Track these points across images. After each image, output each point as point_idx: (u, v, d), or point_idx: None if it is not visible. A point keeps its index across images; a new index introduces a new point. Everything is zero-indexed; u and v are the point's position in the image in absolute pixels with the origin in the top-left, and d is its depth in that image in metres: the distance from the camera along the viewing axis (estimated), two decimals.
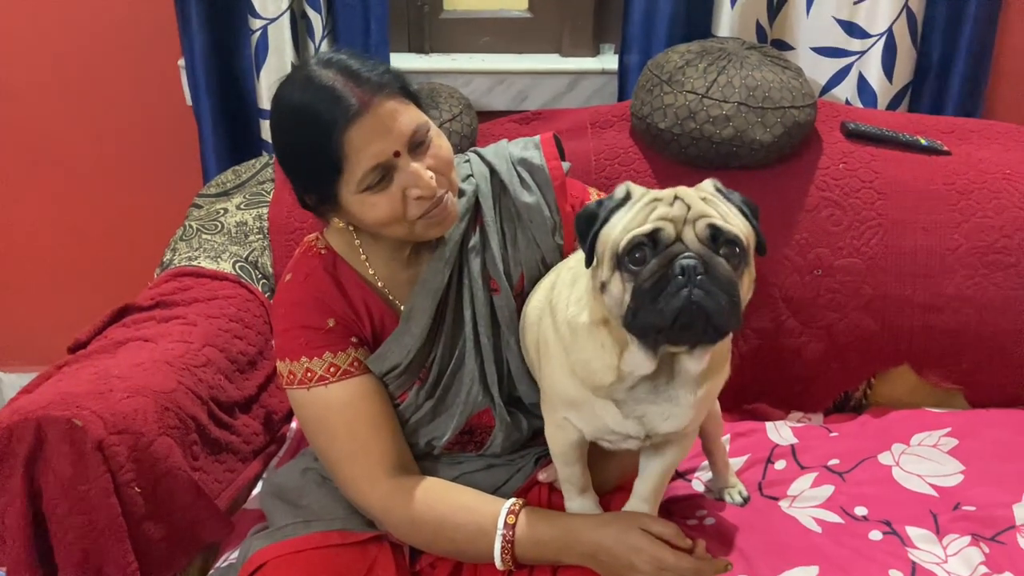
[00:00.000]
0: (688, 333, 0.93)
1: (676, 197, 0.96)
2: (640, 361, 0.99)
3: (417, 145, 1.09)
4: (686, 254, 0.91)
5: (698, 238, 0.93)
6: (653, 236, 0.93)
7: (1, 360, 2.25)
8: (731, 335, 1.07)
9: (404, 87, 1.10)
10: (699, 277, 0.90)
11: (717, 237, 0.93)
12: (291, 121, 1.08)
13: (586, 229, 0.99)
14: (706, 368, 1.01)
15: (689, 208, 0.94)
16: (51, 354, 1.42)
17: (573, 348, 1.05)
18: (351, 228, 1.19)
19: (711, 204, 0.96)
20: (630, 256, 0.94)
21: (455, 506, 1.15)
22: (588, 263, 1.00)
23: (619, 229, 0.96)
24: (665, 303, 0.91)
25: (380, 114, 1.05)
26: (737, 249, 0.94)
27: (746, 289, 0.96)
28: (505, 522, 1.12)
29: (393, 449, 1.19)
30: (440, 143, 1.12)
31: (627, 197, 0.99)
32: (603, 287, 0.97)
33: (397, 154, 1.07)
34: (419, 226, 1.12)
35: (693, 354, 0.98)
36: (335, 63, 1.08)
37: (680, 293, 0.90)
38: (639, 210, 0.96)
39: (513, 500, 1.15)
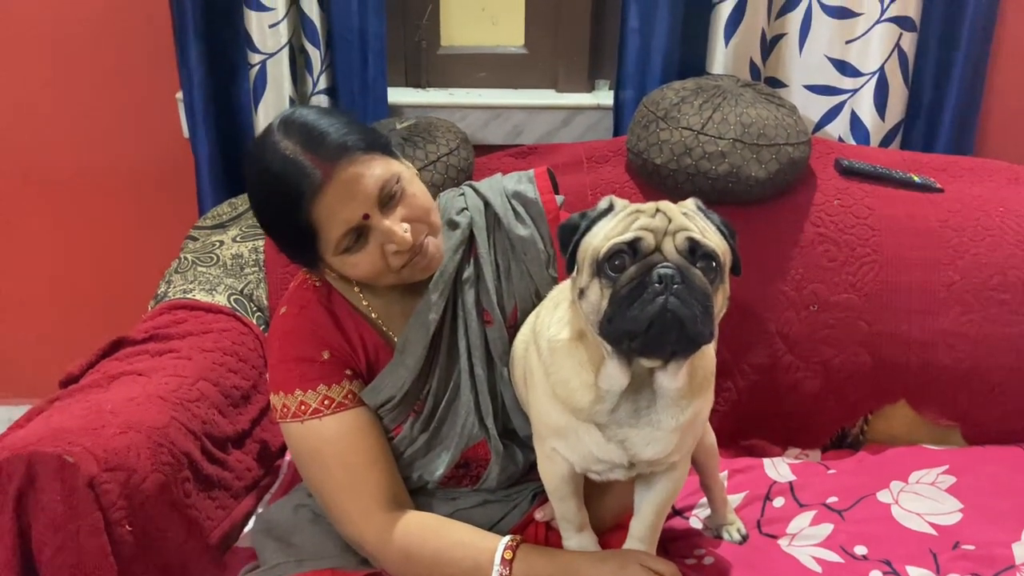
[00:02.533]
0: (661, 341, 0.94)
1: (658, 210, 0.99)
2: (615, 374, 1.00)
3: (387, 199, 1.09)
4: (664, 263, 0.93)
5: (677, 249, 0.95)
6: (633, 244, 0.95)
7: None
8: (714, 359, 1.09)
9: (369, 141, 1.09)
10: (676, 286, 0.92)
11: (695, 250, 0.95)
12: (261, 193, 1.10)
13: (568, 238, 1.02)
14: (687, 388, 1.02)
15: (670, 221, 0.97)
16: (41, 386, 1.40)
17: (552, 369, 1.06)
18: None
19: (691, 219, 0.98)
20: (610, 263, 0.96)
21: (451, 541, 1.13)
22: (569, 271, 1.02)
23: (600, 237, 0.98)
24: (641, 309, 0.92)
25: (343, 181, 1.05)
26: (714, 264, 0.96)
27: (719, 305, 0.98)
28: (502, 558, 1.11)
29: (388, 483, 1.18)
30: (413, 190, 1.12)
31: (610, 208, 1.02)
32: (581, 294, 0.99)
33: (367, 216, 1.07)
34: (405, 273, 1.13)
35: (667, 370, 0.99)
36: (296, 128, 1.07)
37: (656, 300, 0.92)
38: (621, 220, 0.99)
39: (510, 536, 1.14)
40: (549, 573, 1.10)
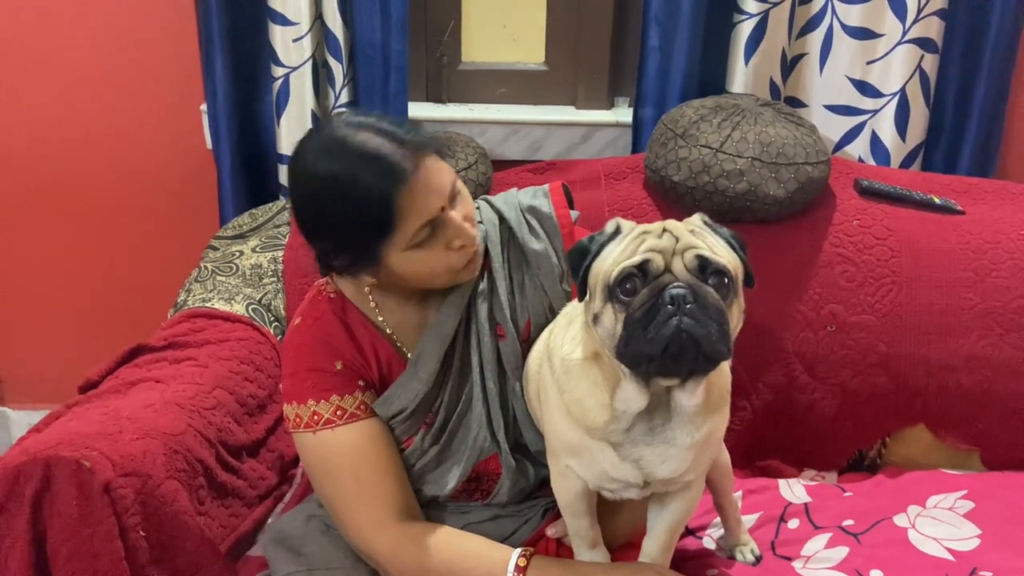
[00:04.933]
0: (679, 362, 0.94)
1: (665, 229, 0.98)
2: (633, 396, 0.99)
3: (453, 197, 1.12)
4: (675, 284, 0.93)
5: (687, 268, 0.95)
6: (643, 267, 0.95)
7: (10, 397, 2.25)
8: (729, 377, 1.09)
9: (435, 144, 1.12)
10: (688, 306, 0.92)
11: (705, 267, 0.95)
12: (334, 187, 1.07)
13: (578, 263, 1.02)
14: (703, 406, 1.02)
15: (677, 240, 0.96)
16: (61, 391, 1.41)
17: (567, 387, 1.06)
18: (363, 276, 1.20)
19: (699, 236, 0.98)
20: (621, 287, 0.95)
21: (463, 552, 1.13)
22: (581, 297, 1.02)
23: (609, 261, 0.98)
24: (656, 331, 0.92)
25: (427, 171, 1.08)
26: (726, 279, 0.95)
27: (735, 320, 0.98)
28: (516, 565, 1.10)
29: (399, 494, 1.18)
30: (465, 193, 1.15)
31: (617, 231, 1.02)
32: (595, 319, 0.98)
33: (443, 209, 1.10)
34: (462, 274, 1.15)
35: (685, 388, 0.99)
36: (368, 126, 1.09)
37: (670, 321, 0.91)
38: (629, 243, 0.98)
39: (523, 547, 1.14)
40: None
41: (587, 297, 1.01)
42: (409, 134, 1.09)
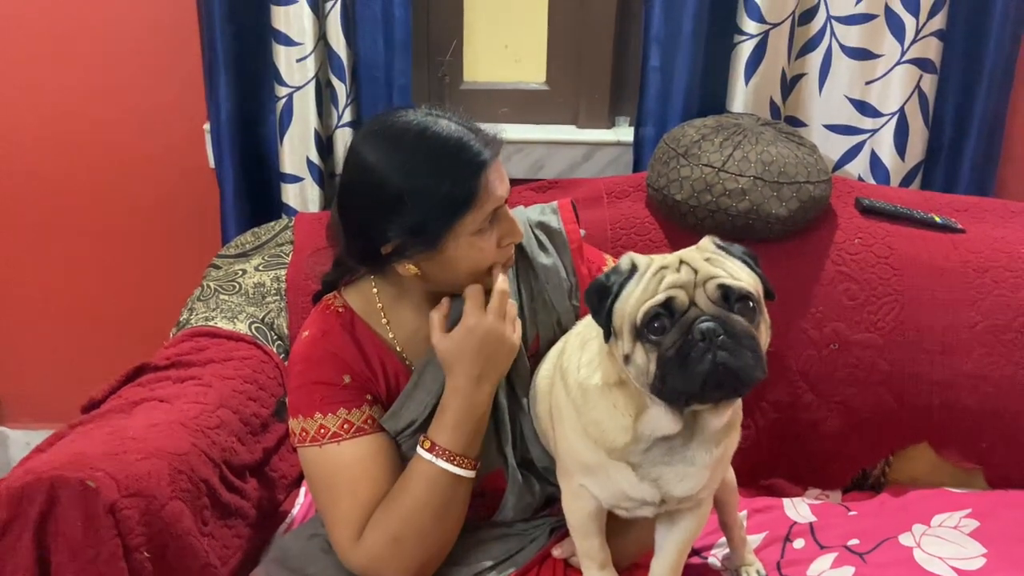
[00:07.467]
0: (718, 393, 0.95)
1: (682, 262, 0.98)
2: (664, 423, 1.00)
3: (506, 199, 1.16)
4: (703, 318, 0.94)
5: (711, 299, 0.95)
6: (667, 305, 0.95)
7: (10, 416, 2.24)
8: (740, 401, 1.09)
9: (499, 142, 1.16)
10: (720, 338, 0.93)
11: (729, 295, 0.96)
12: (437, 150, 1.09)
13: (599, 304, 1.01)
14: (726, 424, 1.03)
15: (696, 272, 0.97)
16: (60, 411, 1.41)
17: (585, 409, 1.06)
18: (375, 289, 1.20)
19: (716, 263, 0.98)
20: (648, 327, 0.96)
21: (398, 495, 1.14)
22: (606, 338, 1.01)
23: (632, 302, 0.98)
24: (692, 368, 0.93)
25: (499, 163, 1.13)
26: (750, 303, 0.96)
27: (764, 337, 0.99)
28: (427, 452, 1.13)
29: None
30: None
31: (633, 268, 1.01)
32: (627, 359, 0.98)
33: (506, 201, 1.14)
34: (490, 279, 1.17)
35: (717, 410, 1.00)
36: (445, 116, 1.12)
37: (705, 357, 0.92)
38: (648, 280, 0.98)
39: (420, 439, 1.16)
40: (451, 410, 1.13)
41: (613, 337, 1.01)
42: (478, 129, 1.13)
